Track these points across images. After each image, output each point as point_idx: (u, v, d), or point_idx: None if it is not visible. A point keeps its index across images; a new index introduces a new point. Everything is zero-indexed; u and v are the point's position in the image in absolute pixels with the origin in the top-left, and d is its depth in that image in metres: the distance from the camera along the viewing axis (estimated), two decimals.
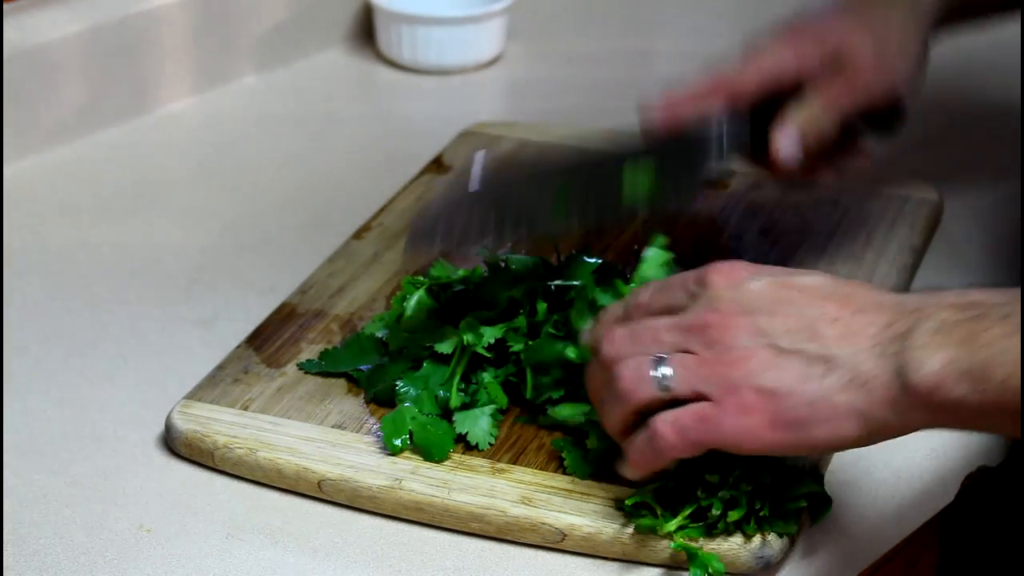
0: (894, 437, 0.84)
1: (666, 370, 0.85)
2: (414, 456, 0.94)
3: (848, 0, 1.08)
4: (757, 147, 1.05)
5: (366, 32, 1.51)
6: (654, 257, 1.00)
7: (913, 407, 0.81)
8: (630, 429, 0.87)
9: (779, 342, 0.83)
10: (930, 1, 1.09)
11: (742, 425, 0.83)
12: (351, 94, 1.46)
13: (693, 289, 0.87)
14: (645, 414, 0.86)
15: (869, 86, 1.05)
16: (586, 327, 0.94)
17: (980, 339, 0.79)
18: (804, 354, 0.83)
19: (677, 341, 0.86)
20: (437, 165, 1.27)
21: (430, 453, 0.94)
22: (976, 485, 1.01)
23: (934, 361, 0.80)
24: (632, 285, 1.00)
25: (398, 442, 0.94)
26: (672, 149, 1.03)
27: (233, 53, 1.43)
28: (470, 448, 0.95)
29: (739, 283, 0.86)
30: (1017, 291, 0.81)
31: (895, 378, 0.81)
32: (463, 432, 0.95)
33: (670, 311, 0.87)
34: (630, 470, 0.88)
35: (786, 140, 1.03)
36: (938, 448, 0.99)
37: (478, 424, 0.95)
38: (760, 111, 1.05)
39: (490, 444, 0.95)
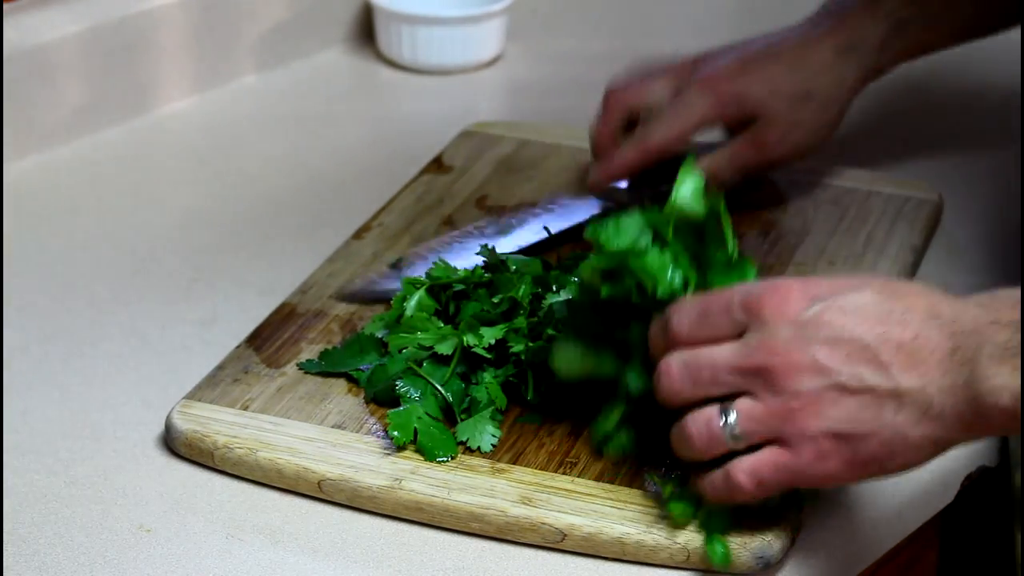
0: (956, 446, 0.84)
1: (733, 421, 0.84)
2: (414, 456, 0.94)
3: (777, 55, 1.15)
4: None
5: (366, 32, 1.51)
6: (688, 184, 0.91)
7: (989, 428, 0.81)
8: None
9: (843, 380, 0.82)
10: (855, 69, 1.15)
11: (819, 471, 0.83)
12: (351, 94, 1.46)
13: (740, 319, 0.84)
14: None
15: (774, 151, 1.15)
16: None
17: None
18: (872, 391, 0.82)
19: (737, 383, 0.84)
20: (437, 165, 1.27)
21: (433, 453, 0.94)
22: (976, 485, 1.01)
23: (1004, 391, 0.79)
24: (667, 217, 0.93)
25: (398, 434, 0.94)
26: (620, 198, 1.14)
27: (233, 53, 1.43)
28: (471, 448, 0.95)
29: (792, 316, 0.83)
30: None
31: (967, 408, 0.80)
32: (464, 440, 0.95)
33: (716, 341, 0.85)
34: (703, 493, 0.88)
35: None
36: None
37: (478, 430, 0.95)
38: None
39: (493, 446, 0.95)
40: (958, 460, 0.99)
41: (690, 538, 0.89)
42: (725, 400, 0.85)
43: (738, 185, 1.16)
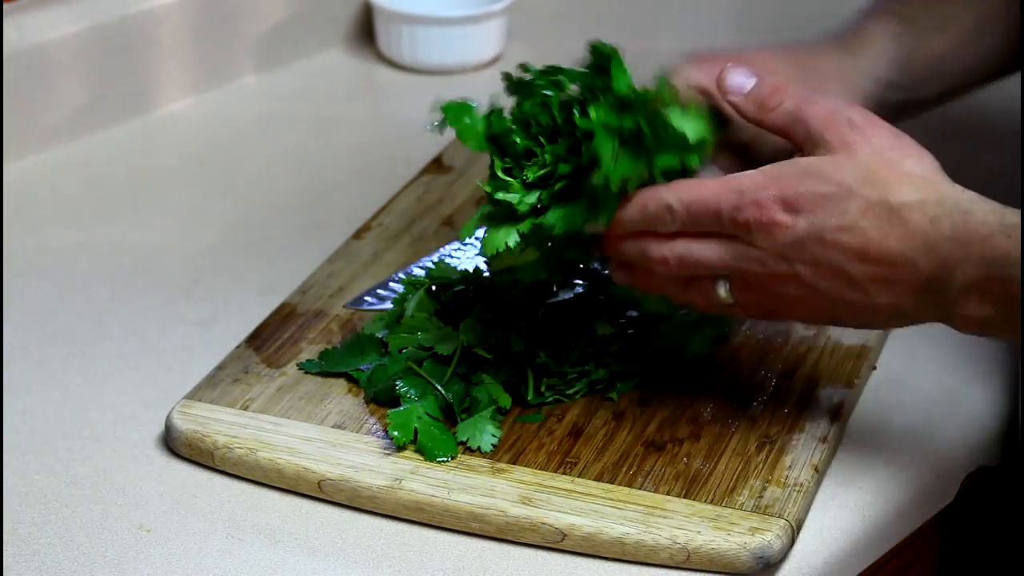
0: None
1: (726, 293, 0.92)
2: (414, 456, 0.94)
3: (788, 54, 1.10)
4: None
5: (366, 32, 1.51)
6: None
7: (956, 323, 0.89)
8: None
9: (822, 290, 0.90)
10: (863, 73, 1.11)
11: (794, 310, 0.92)
12: (351, 94, 1.46)
13: (727, 228, 0.91)
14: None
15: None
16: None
17: (1012, 298, 0.85)
18: (848, 303, 0.90)
19: (729, 273, 0.92)
20: (437, 165, 1.27)
21: (433, 453, 0.94)
22: (976, 485, 1.01)
23: (975, 316, 0.87)
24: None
25: (398, 434, 0.94)
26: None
27: (233, 53, 1.43)
28: (471, 448, 0.95)
29: (778, 239, 0.89)
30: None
31: (938, 318, 0.89)
32: (464, 440, 0.95)
33: (704, 235, 0.92)
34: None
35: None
36: (938, 448, 0.99)
37: (478, 429, 0.95)
38: None
39: (493, 446, 0.95)
40: (958, 460, 0.99)
41: (690, 538, 0.89)
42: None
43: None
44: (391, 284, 1.10)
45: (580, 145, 0.92)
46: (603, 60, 0.93)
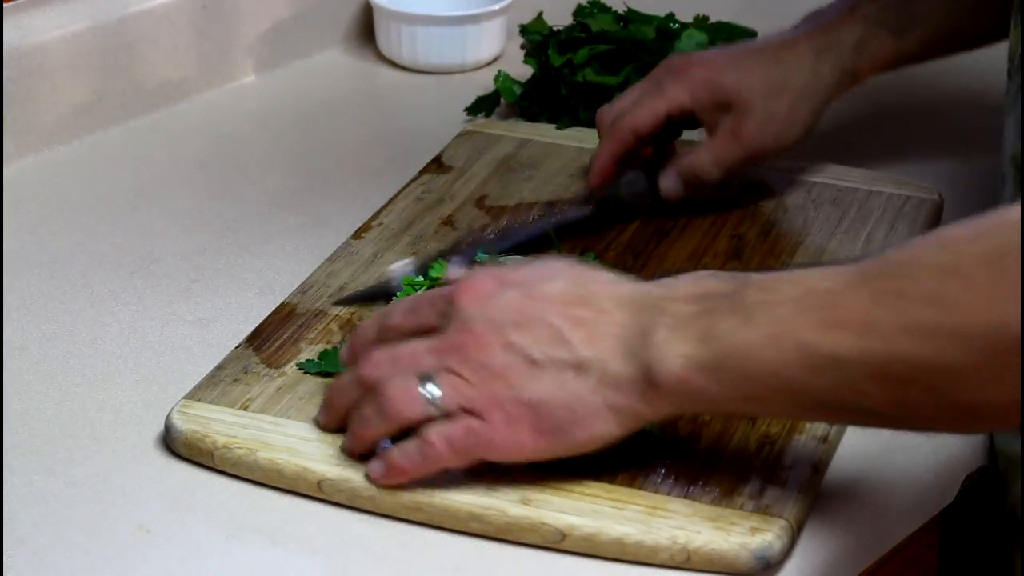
0: (652, 421, 0.89)
1: (434, 389, 0.89)
2: None
3: (754, 51, 1.18)
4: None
5: (366, 32, 1.51)
6: (689, 36, 1.02)
7: (663, 399, 0.86)
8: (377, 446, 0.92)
9: (532, 353, 0.88)
10: (830, 68, 1.17)
11: (509, 437, 0.88)
12: (351, 94, 1.46)
13: (443, 308, 0.91)
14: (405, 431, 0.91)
15: (754, 143, 1.16)
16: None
17: (712, 333, 0.84)
18: (556, 362, 0.87)
19: (437, 362, 0.89)
20: (437, 165, 1.27)
21: None
22: (976, 485, 1.01)
23: (675, 358, 0.85)
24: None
25: None
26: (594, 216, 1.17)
27: (233, 53, 1.43)
28: None
29: (486, 301, 0.89)
30: (746, 277, 0.86)
31: (642, 375, 0.86)
32: None
33: (424, 332, 0.91)
34: (391, 473, 0.91)
35: (669, 182, 1.17)
36: (938, 448, 0.99)
37: None
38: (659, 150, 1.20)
39: None
40: (958, 460, 0.99)
41: (690, 538, 0.89)
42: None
43: (721, 181, 1.18)
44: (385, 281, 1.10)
45: None
46: None
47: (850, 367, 0.81)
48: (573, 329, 0.87)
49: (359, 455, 0.93)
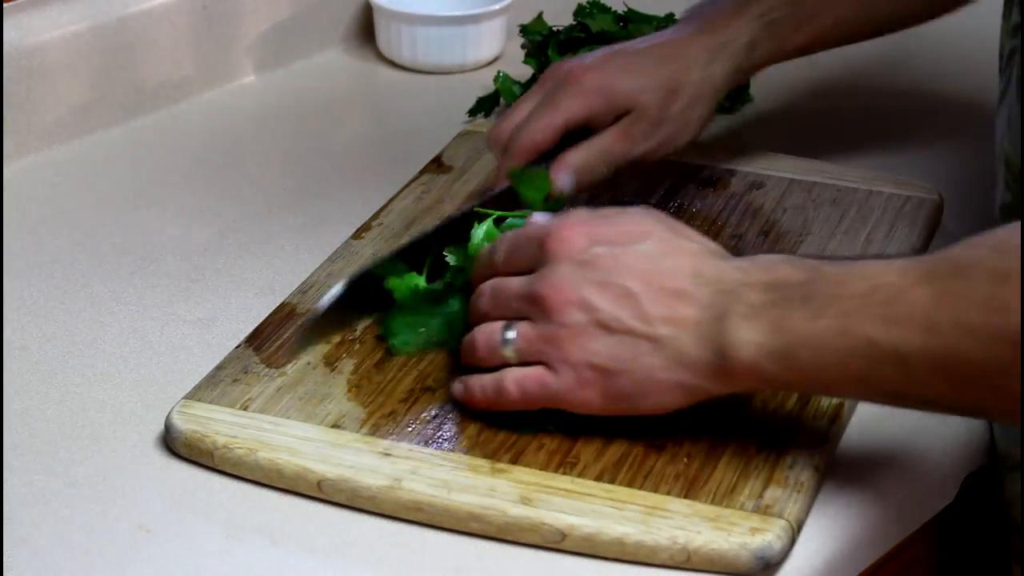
0: (719, 398, 0.92)
1: (512, 336, 0.94)
2: (414, 456, 0.94)
3: (646, 51, 1.16)
4: None
5: (366, 32, 1.51)
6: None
7: (733, 381, 0.90)
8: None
9: (606, 319, 0.91)
10: (723, 67, 1.16)
11: (577, 395, 0.93)
12: (351, 94, 1.46)
13: (535, 253, 0.95)
14: None
15: (644, 144, 1.15)
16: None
17: (783, 324, 0.88)
18: (632, 332, 0.91)
19: (521, 308, 0.94)
20: (437, 165, 1.27)
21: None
22: (976, 485, 1.01)
23: (747, 346, 0.88)
24: None
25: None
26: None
27: (233, 53, 1.43)
28: (472, 449, 0.95)
29: (574, 254, 0.93)
30: (817, 267, 0.88)
31: (715, 359, 0.89)
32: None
33: (521, 271, 0.96)
34: (467, 398, 0.97)
35: (562, 176, 1.13)
36: (938, 448, 0.99)
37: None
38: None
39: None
40: (958, 460, 0.99)
41: (690, 538, 0.89)
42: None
43: (608, 176, 1.16)
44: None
45: None
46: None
47: (913, 363, 0.84)
48: (653, 303, 0.91)
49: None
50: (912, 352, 0.84)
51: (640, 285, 0.91)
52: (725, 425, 0.97)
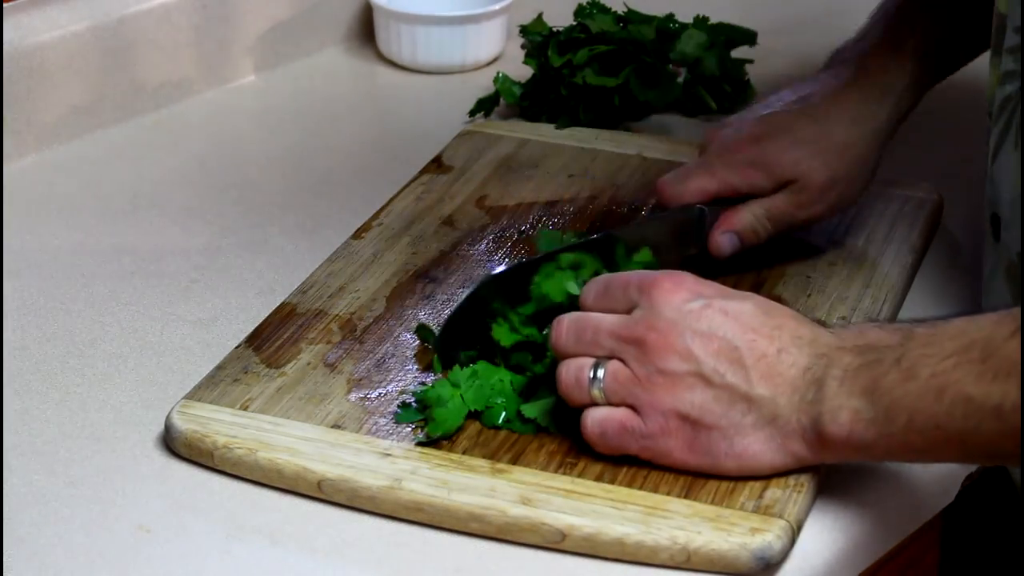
0: (807, 465, 0.91)
1: (600, 376, 0.91)
2: (413, 456, 0.94)
3: (802, 114, 1.11)
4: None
5: (366, 32, 1.51)
6: (689, 36, 1.07)
7: (826, 449, 0.89)
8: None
9: (706, 371, 0.89)
10: (887, 114, 1.11)
11: (660, 443, 0.91)
12: (351, 94, 1.46)
13: (634, 297, 0.92)
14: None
15: (813, 210, 1.11)
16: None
17: (880, 387, 0.86)
18: (728, 389, 0.89)
19: (614, 348, 0.91)
20: (437, 165, 1.27)
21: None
22: (976, 485, 1.01)
23: (844, 412, 0.87)
24: None
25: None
26: (661, 234, 1.10)
27: (233, 53, 1.43)
28: (472, 450, 0.95)
29: (678, 303, 0.91)
30: (908, 328, 0.87)
31: (810, 426, 0.88)
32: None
33: (612, 311, 0.93)
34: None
35: (724, 240, 1.10)
36: None
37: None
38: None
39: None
40: None
41: (690, 538, 0.89)
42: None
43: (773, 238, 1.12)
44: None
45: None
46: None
47: (1013, 417, 0.82)
48: (754, 361, 0.89)
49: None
50: (1011, 406, 0.82)
51: (744, 342, 0.89)
52: None
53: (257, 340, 1.05)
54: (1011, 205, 0.98)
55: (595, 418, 0.92)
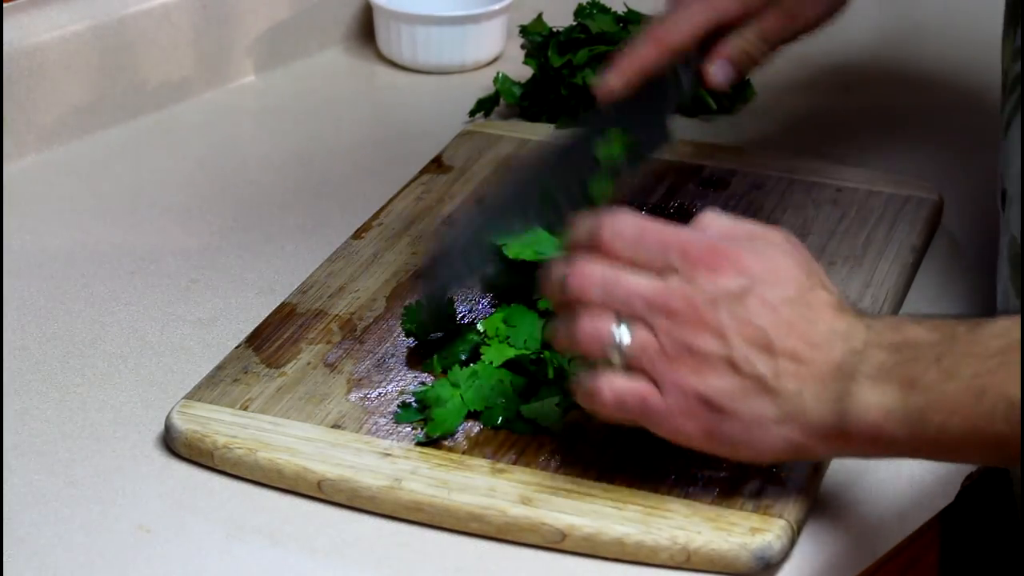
0: (820, 459, 0.90)
1: (625, 339, 0.87)
2: (413, 456, 0.94)
3: None
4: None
5: (366, 32, 1.51)
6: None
7: (851, 444, 0.85)
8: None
9: (736, 357, 0.85)
10: None
11: (677, 424, 0.87)
12: (351, 94, 1.46)
13: (672, 259, 0.87)
14: None
15: (805, 19, 1.08)
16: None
17: (917, 385, 0.82)
18: (756, 379, 0.85)
19: (643, 312, 0.86)
20: (437, 165, 1.27)
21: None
22: (976, 485, 1.01)
23: (875, 410, 0.83)
24: None
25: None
26: (633, 108, 1.05)
27: (233, 53, 1.43)
28: (472, 450, 0.95)
29: (720, 279, 0.86)
30: (949, 327, 0.83)
31: (834, 420, 0.85)
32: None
33: (643, 267, 0.88)
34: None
35: (718, 69, 1.08)
36: None
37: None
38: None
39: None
40: None
41: (690, 538, 0.89)
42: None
43: (768, 62, 1.11)
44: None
45: None
46: None
47: None
48: (786, 355, 0.85)
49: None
50: None
51: (779, 334, 0.85)
52: None
53: (257, 340, 1.05)
54: (1016, 180, 0.97)
55: (614, 386, 0.87)
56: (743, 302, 0.86)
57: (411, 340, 1.04)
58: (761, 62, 1.09)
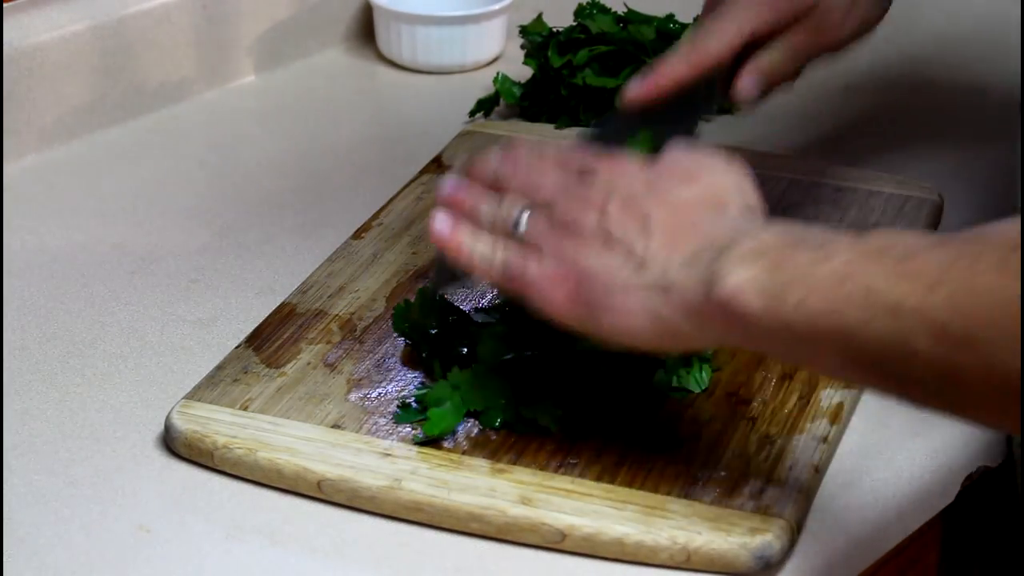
0: (688, 346, 0.90)
1: (524, 219, 0.91)
2: (413, 456, 0.94)
3: None
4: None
5: (366, 32, 1.51)
6: None
7: (707, 317, 0.84)
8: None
9: (613, 230, 0.88)
10: None
11: (547, 289, 0.90)
12: (351, 94, 1.46)
13: (587, 168, 0.91)
14: None
15: (836, 35, 1.08)
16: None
17: (785, 265, 0.82)
18: (627, 248, 0.87)
19: (548, 198, 0.91)
20: (437, 165, 1.27)
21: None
22: (976, 485, 1.01)
23: (737, 274, 0.83)
24: None
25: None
26: (662, 115, 1.06)
27: (233, 53, 1.43)
28: (472, 450, 0.95)
29: (621, 174, 0.90)
30: (839, 231, 0.83)
31: (697, 287, 0.84)
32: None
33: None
34: (447, 240, 0.94)
35: (747, 83, 1.08)
36: (938, 448, 0.99)
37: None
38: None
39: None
40: (958, 460, 0.99)
41: (690, 538, 0.89)
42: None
43: (796, 78, 1.11)
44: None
45: None
46: None
47: (909, 319, 0.79)
48: (662, 230, 0.87)
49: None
50: (912, 308, 0.78)
51: (659, 212, 0.88)
52: (725, 425, 0.97)
53: (257, 340, 1.05)
54: None
55: (505, 256, 0.91)
56: (635, 189, 0.89)
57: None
58: (790, 78, 1.10)
